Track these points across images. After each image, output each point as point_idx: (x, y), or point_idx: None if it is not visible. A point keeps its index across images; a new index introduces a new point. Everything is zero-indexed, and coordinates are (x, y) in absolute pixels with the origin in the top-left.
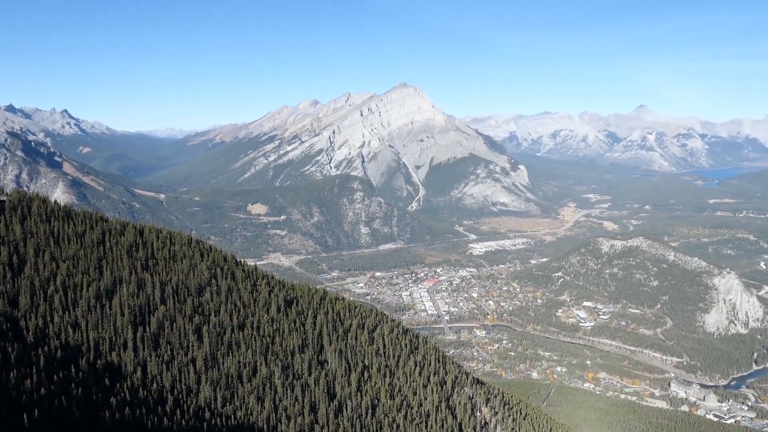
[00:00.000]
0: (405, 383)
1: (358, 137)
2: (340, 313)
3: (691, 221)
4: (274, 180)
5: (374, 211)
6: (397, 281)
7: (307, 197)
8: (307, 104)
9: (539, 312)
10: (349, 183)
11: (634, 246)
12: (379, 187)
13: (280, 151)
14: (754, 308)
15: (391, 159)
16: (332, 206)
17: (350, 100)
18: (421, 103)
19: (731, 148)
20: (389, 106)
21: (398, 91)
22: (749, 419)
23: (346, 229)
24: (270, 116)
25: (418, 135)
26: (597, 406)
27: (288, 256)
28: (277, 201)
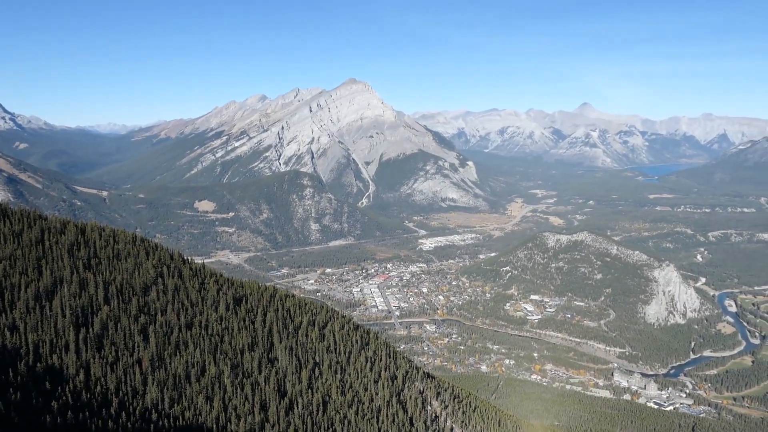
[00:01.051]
0: (356, 379)
1: (308, 133)
2: (291, 311)
3: (633, 216)
4: (221, 176)
5: (324, 208)
6: (348, 277)
7: (255, 194)
8: (255, 99)
9: (488, 306)
10: (299, 179)
11: (579, 240)
12: (329, 184)
13: (227, 147)
14: (691, 299)
15: (340, 155)
16: (282, 203)
17: (299, 95)
18: (371, 99)
19: (670, 145)
20: (339, 102)
21: (348, 87)
22: (687, 406)
23: (295, 226)
24: (217, 111)
25: (367, 131)
26: (544, 396)
27: (237, 253)
28: (225, 198)
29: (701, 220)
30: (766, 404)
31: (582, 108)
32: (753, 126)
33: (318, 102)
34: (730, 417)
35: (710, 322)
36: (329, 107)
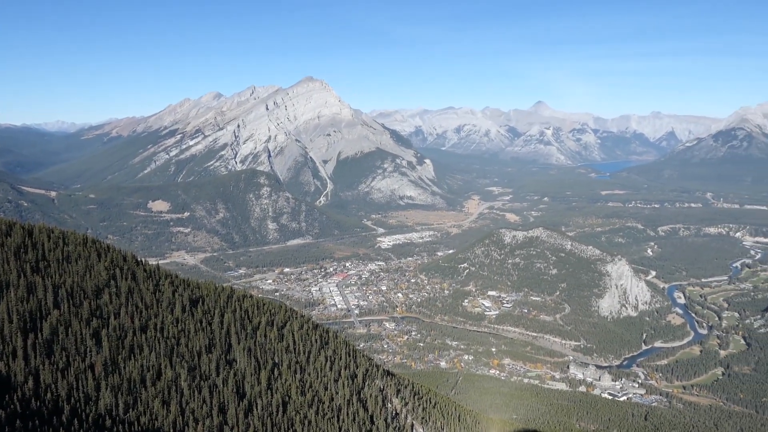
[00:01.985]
0: (316, 378)
1: (264, 131)
2: (249, 311)
3: (586, 212)
4: (176, 176)
5: (282, 207)
6: (307, 276)
7: (211, 193)
8: (210, 97)
9: (446, 303)
10: (256, 178)
11: (535, 236)
12: (287, 182)
13: (182, 145)
14: (642, 292)
15: (298, 153)
16: (238, 202)
17: (255, 93)
18: (328, 98)
19: (621, 142)
20: (296, 100)
21: (304, 85)
22: (640, 395)
23: (253, 225)
24: (171, 109)
25: (325, 129)
26: (502, 391)
27: (193, 254)
28: (180, 197)
29: (651, 216)
30: (713, 392)
31: (536, 106)
32: (699, 124)
33: (275, 100)
34: (680, 405)
35: (661, 314)
36: (286, 105)
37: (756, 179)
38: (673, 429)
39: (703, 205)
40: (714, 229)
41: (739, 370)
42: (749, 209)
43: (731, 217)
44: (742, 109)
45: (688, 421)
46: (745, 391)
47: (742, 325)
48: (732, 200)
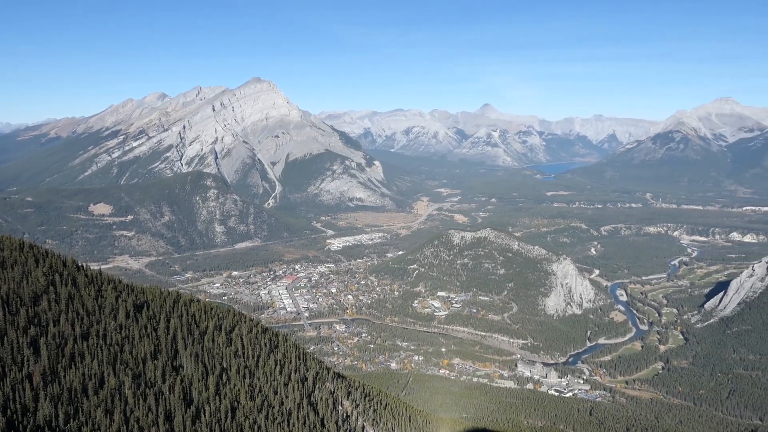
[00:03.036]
0: (266, 383)
1: (211, 133)
2: (196, 316)
3: (532, 212)
4: (119, 178)
5: (229, 209)
6: (255, 280)
7: (156, 196)
8: (154, 97)
9: (396, 304)
10: (202, 180)
11: (483, 237)
12: (234, 184)
13: (125, 147)
14: (586, 290)
15: (245, 155)
16: (184, 205)
17: (201, 94)
18: (276, 99)
19: (565, 144)
20: (243, 101)
21: (252, 86)
22: (585, 391)
23: (199, 228)
24: (113, 110)
25: (273, 131)
26: (452, 390)
27: (137, 258)
28: (123, 200)
29: (594, 216)
30: (654, 386)
31: (483, 109)
32: (638, 126)
33: (221, 101)
34: (623, 399)
35: (604, 311)
36: (233, 106)
37: (692, 180)
38: (617, 423)
39: (643, 205)
40: (653, 228)
41: (678, 364)
42: (686, 209)
43: (669, 216)
44: (679, 112)
45: (631, 415)
46: (684, 384)
47: (680, 320)
48: (670, 200)
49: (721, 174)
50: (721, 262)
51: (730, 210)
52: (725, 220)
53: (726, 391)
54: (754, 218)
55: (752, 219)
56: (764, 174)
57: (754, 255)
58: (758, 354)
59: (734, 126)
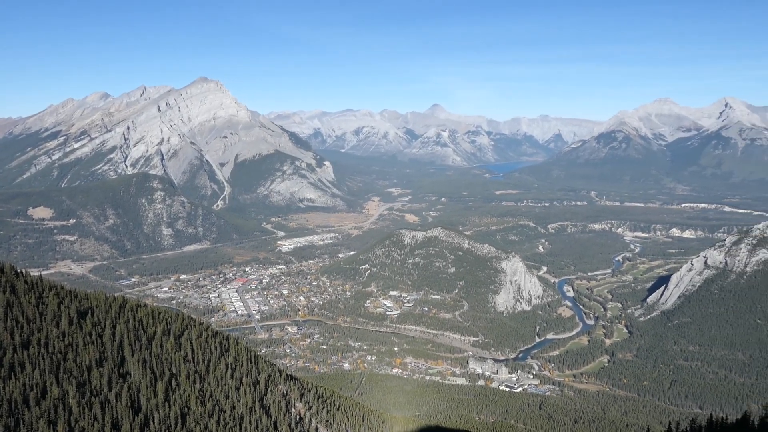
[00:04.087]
0: (216, 387)
1: (157, 133)
2: (143, 321)
3: (482, 211)
4: (59, 180)
5: (177, 211)
6: (205, 283)
7: (100, 198)
8: (96, 97)
9: (348, 304)
10: (148, 182)
11: (433, 236)
12: (182, 186)
13: (66, 148)
14: (535, 287)
15: (193, 156)
16: (130, 207)
17: (146, 93)
18: (224, 99)
19: (513, 144)
20: (189, 101)
21: (199, 86)
22: (534, 386)
23: (146, 231)
24: (52, 110)
25: (221, 131)
26: (405, 389)
27: (80, 263)
28: (64, 203)
29: (542, 214)
30: (600, 378)
31: (433, 109)
32: (583, 126)
33: (167, 101)
34: (571, 393)
35: (552, 307)
36: (179, 106)
37: (634, 178)
38: (565, 416)
39: (588, 203)
40: (598, 225)
41: (623, 357)
42: (628, 206)
43: (613, 213)
44: (621, 112)
45: (579, 408)
46: (628, 377)
47: (625, 314)
48: (613, 198)
49: (661, 172)
50: (662, 258)
51: (670, 207)
52: (665, 216)
53: (668, 382)
54: (692, 215)
55: (690, 215)
56: (701, 172)
57: (692, 250)
58: (697, 345)
59: (673, 126)
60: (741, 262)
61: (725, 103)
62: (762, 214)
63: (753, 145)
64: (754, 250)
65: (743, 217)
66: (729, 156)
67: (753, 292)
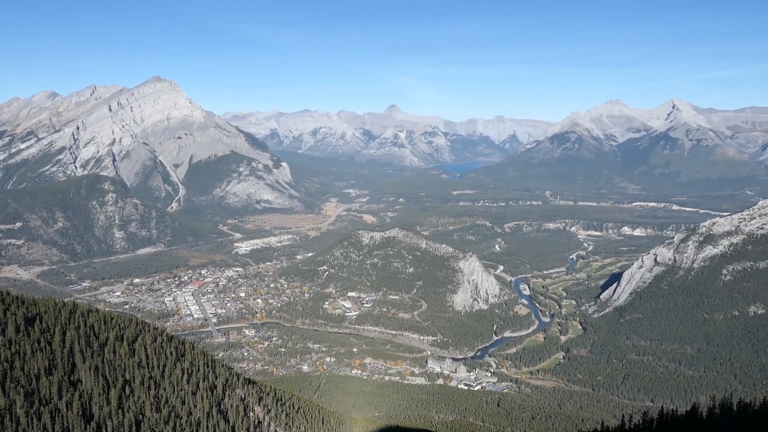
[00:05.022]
0: (172, 393)
1: (108, 134)
2: (95, 327)
3: (439, 211)
4: (5, 183)
5: (129, 214)
6: (159, 286)
7: (48, 201)
8: (43, 97)
9: (307, 306)
10: (99, 184)
11: (392, 237)
12: (134, 188)
13: (11, 149)
14: (492, 286)
15: (146, 157)
16: (80, 210)
17: (96, 93)
18: (178, 99)
19: (469, 144)
20: (142, 101)
21: (151, 85)
22: (492, 383)
23: (97, 235)
24: None
25: (175, 132)
26: (365, 390)
27: (27, 268)
28: (10, 206)
29: (498, 213)
30: (556, 375)
31: (390, 110)
32: (537, 127)
33: (119, 100)
34: (528, 389)
35: (509, 305)
36: (131, 106)
37: (586, 178)
38: (523, 412)
39: (542, 202)
40: (553, 224)
41: (578, 353)
42: (582, 205)
43: (567, 213)
44: (574, 114)
45: (536, 404)
46: (583, 372)
47: (579, 311)
48: (567, 197)
49: (612, 172)
50: (614, 255)
51: (622, 206)
52: (617, 215)
53: (621, 376)
54: (642, 213)
55: (641, 214)
56: (650, 172)
57: (643, 248)
58: (648, 340)
59: (623, 127)
60: (689, 258)
61: (672, 104)
62: (708, 212)
63: (699, 145)
64: (700, 247)
65: (690, 215)
66: (676, 156)
67: (700, 287)
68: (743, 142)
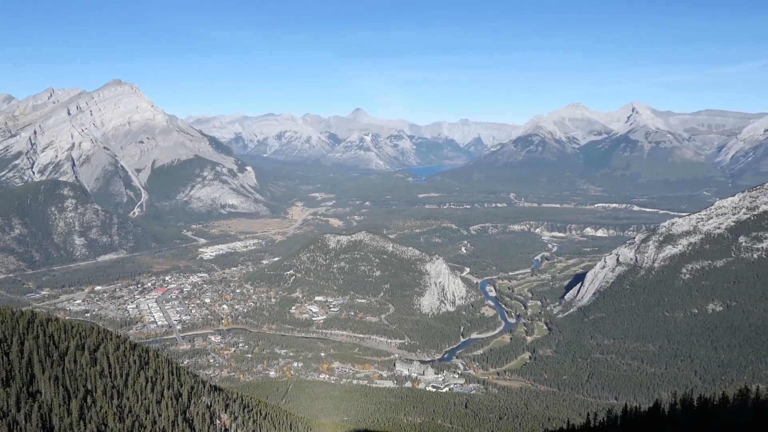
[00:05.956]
0: (136, 402)
1: (67, 138)
2: (54, 336)
3: (405, 214)
4: None
5: (90, 220)
6: (122, 294)
7: (4, 207)
8: None
9: (274, 311)
10: (58, 189)
11: (358, 240)
12: (95, 193)
13: None
14: (459, 288)
15: (107, 162)
16: (38, 216)
17: (54, 96)
18: (139, 102)
19: (434, 147)
20: (102, 105)
21: (112, 89)
22: (460, 385)
23: (56, 242)
24: None
25: (137, 136)
26: (333, 394)
27: None
28: None
29: (464, 216)
30: (522, 375)
31: (355, 113)
32: (501, 130)
33: (78, 104)
34: (495, 390)
35: (475, 307)
36: (91, 110)
37: (550, 180)
38: (490, 413)
39: (507, 204)
40: (518, 226)
41: (543, 353)
42: (546, 207)
43: (531, 214)
44: (537, 117)
45: (503, 404)
46: (549, 372)
47: (544, 312)
48: (531, 199)
49: (575, 174)
50: (577, 256)
51: (584, 207)
52: (580, 216)
53: (586, 375)
54: (604, 214)
55: (603, 215)
56: (612, 173)
57: (605, 248)
58: (612, 338)
59: (585, 129)
60: (649, 258)
61: (632, 108)
62: (667, 212)
63: (658, 147)
64: (660, 246)
65: (651, 216)
66: (636, 158)
67: (660, 286)
68: (700, 144)
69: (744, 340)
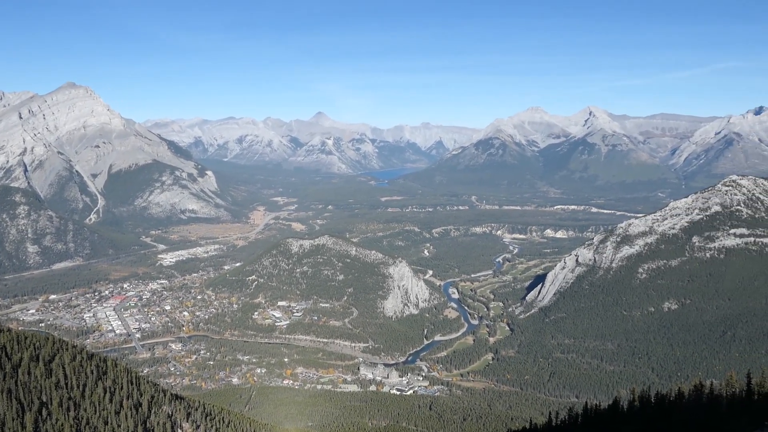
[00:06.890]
0: (94, 413)
1: (18, 143)
2: (7, 347)
3: (368, 218)
4: None
5: (44, 227)
6: (78, 302)
7: None
8: None
9: (236, 317)
10: (10, 196)
11: (321, 244)
12: (49, 199)
13: None
14: (422, 291)
15: (61, 167)
16: None
17: (5, 100)
18: (95, 106)
19: (396, 151)
20: (56, 108)
21: (66, 92)
22: (424, 387)
23: (8, 250)
24: None
25: (93, 140)
26: (297, 400)
27: None
28: None
29: (426, 219)
30: (486, 376)
31: (317, 117)
32: (462, 134)
33: (30, 108)
34: (459, 391)
35: (438, 309)
36: (44, 114)
37: (510, 183)
38: (454, 414)
39: (469, 207)
40: (479, 228)
41: (506, 353)
42: (507, 209)
43: (493, 217)
44: (497, 120)
45: (467, 406)
46: (511, 372)
47: (506, 313)
48: (493, 202)
49: (535, 177)
50: (538, 257)
51: (544, 209)
52: (540, 218)
53: (547, 375)
54: (564, 216)
55: (562, 217)
56: (570, 176)
57: (565, 249)
58: (572, 338)
59: (544, 133)
60: (607, 258)
61: (589, 111)
62: (624, 213)
63: (614, 150)
64: (618, 247)
65: (608, 217)
66: (594, 161)
67: (618, 286)
68: (654, 147)
69: (698, 337)
